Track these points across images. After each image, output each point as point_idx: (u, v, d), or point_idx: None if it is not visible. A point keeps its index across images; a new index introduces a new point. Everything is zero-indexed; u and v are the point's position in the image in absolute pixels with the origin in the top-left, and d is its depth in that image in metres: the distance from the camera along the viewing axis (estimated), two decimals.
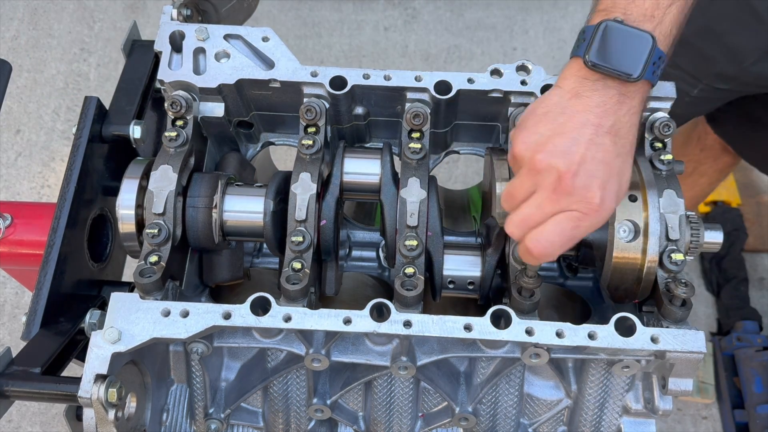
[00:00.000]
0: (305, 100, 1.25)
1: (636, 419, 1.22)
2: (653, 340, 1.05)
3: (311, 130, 1.24)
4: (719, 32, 1.58)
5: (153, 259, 1.12)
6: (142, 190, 1.19)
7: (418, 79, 1.23)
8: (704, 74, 1.39)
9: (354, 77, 1.23)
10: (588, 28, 0.98)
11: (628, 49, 0.94)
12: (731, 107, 1.85)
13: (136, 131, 1.28)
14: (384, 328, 1.05)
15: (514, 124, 1.24)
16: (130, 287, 1.28)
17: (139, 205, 1.19)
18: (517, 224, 0.98)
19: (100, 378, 0.99)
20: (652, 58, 0.94)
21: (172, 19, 1.30)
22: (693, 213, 1.19)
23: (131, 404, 1.09)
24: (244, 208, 1.22)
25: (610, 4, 0.98)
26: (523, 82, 1.23)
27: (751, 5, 1.45)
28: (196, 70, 1.25)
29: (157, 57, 1.32)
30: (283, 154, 2.29)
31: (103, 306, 1.20)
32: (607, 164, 0.94)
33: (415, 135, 1.24)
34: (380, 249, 1.45)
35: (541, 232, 0.96)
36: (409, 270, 1.11)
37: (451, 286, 1.25)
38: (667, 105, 1.25)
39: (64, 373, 1.12)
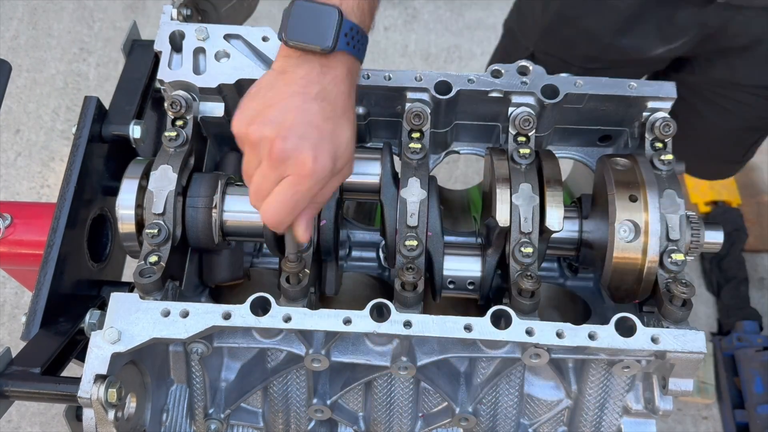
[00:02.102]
0: None
1: (636, 419, 1.22)
2: (654, 340, 1.05)
3: None
4: (573, 17, 1.67)
5: (153, 259, 1.12)
6: (142, 190, 1.19)
7: (418, 79, 1.23)
8: (572, 57, 1.48)
9: None
10: (285, 10, 1.01)
11: (316, 24, 0.98)
12: None
13: (135, 131, 1.28)
14: (384, 328, 1.05)
15: (515, 124, 1.24)
16: (129, 287, 1.28)
17: (139, 205, 1.19)
18: (252, 196, 1.01)
19: (99, 378, 0.99)
20: (342, 29, 0.98)
21: (171, 18, 1.30)
22: (693, 213, 1.19)
23: (131, 404, 1.09)
24: (244, 208, 1.21)
25: None
26: (524, 82, 1.23)
27: None
28: (196, 70, 1.25)
29: (156, 57, 1.32)
30: None
31: (102, 306, 1.20)
32: (316, 127, 0.97)
33: (415, 135, 1.24)
34: (380, 249, 1.45)
35: (268, 202, 0.98)
36: (409, 270, 1.11)
37: (451, 286, 1.25)
38: (668, 105, 1.24)
39: (64, 374, 1.12)
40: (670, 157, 1.20)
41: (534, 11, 1.77)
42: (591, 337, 1.05)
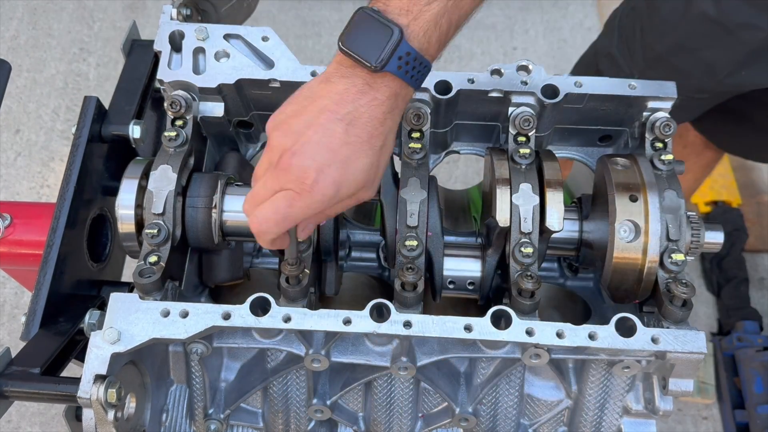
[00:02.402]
0: None
1: (636, 420, 1.22)
2: (654, 340, 1.05)
3: None
4: (692, 48, 1.60)
5: (153, 259, 1.12)
6: (142, 190, 1.19)
7: None
8: (682, 88, 1.43)
9: None
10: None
11: (374, 39, 0.94)
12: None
13: (135, 131, 1.28)
14: (384, 328, 1.05)
15: (515, 124, 1.24)
16: (129, 287, 1.28)
17: (139, 205, 1.19)
18: (247, 199, 1.00)
19: (99, 378, 0.99)
20: (397, 51, 0.94)
21: (171, 18, 1.30)
22: (693, 213, 1.19)
23: (131, 404, 1.09)
24: None
25: None
26: (524, 82, 1.23)
27: (719, 21, 1.48)
28: (196, 70, 1.25)
29: (156, 57, 1.32)
30: None
31: (102, 306, 1.19)
32: (331, 150, 0.95)
33: (415, 135, 1.24)
34: (380, 249, 1.45)
35: (260, 209, 0.97)
36: (409, 270, 1.11)
37: (451, 286, 1.25)
38: (668, 105, 1.24)
39: (64, 374, 1.12)
40: (670, 157, 1.20)
41: (644, 38, 1.69)
42: (591, 337, 1.05)
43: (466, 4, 0.98)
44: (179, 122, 1.23)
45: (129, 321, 1.05)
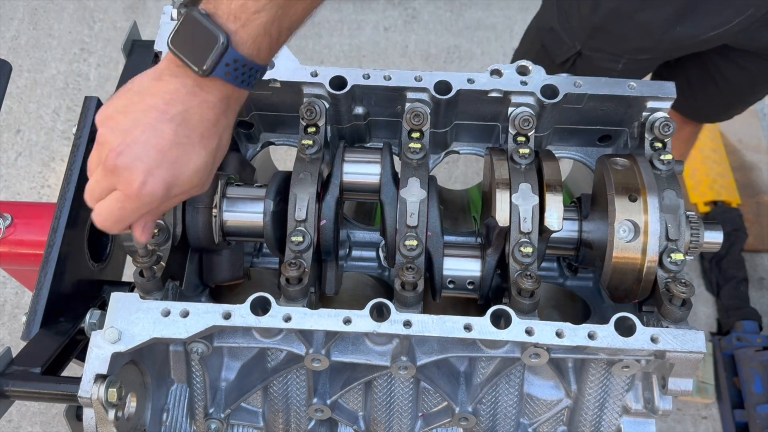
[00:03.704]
0: (305, 100, 1.25)
1: (636, 419, 1.22)
2: (653, 340, 1.05)
3: (311, 130, 1.24)
4: (629, 11, 1.69)
5: (153, 259, 1.12)
6: None
7: (418, 79, 1.23)
8: (623, 50, 1.50)
9: (354, 77, 1.23)
10: (179, 14, 0.97)
11: (200, 43, 0.93)
12: (672, 75, 1.96)
13: None
14: (384, 328, 1.06)
15: (514, 124, 1.24)
16: (130, 287, 1.28)
17: None
18: (86, 193, 1.00)
19: (100, 378, 0.99)
20: (224, 58, 0.92)
21: (172, 19, 1.30)
22: (693, 213, 1.20)
23: (131, 404, 1.09)
24: (244, 208, 1.22)
25: None
26: (523, 82, 1.23)
27: None
28: None
29: (157, 57, 1.32)
30: (283, 154, 2.30)
31: (103, 306, 1.20)
32: (159, 151, 0.94)
33: (415, 135, 1.24)
34: (380, 249, 1.45)
35: (99, 206, 0.98)
36: (409, 270, 1.11)
37: (451, 286, 1.25)
38: (667, 105, 1.25)
39: (64, 373, 1.12)
40: (669, 157, 1.20)
41: (581, 10, 1.79)
42: (590, 336, 1.05)
43: (297, 12, 0.97)
44: None
45: (130, 321, 1.05)
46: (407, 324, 1.06)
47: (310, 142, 1.21)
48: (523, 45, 2.14)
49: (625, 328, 1.06)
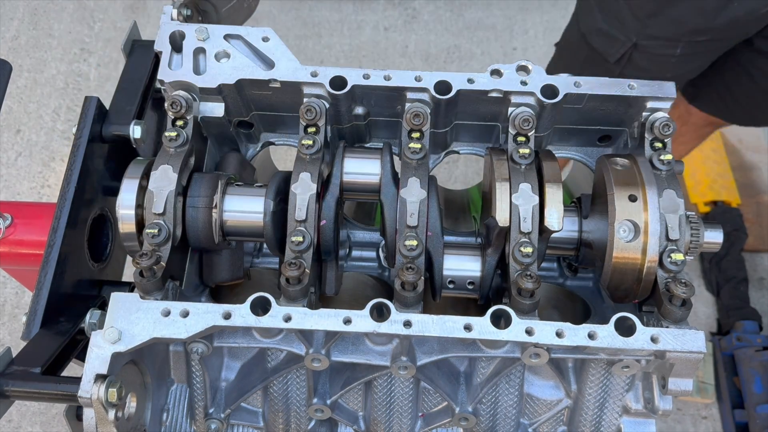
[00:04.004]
0: (305, 100, 1.25)
1: (636, 419, 1.22)
2: (653, 340, 1.05)
3: (311, 130, 1.24)
4: None
5: (153, 259, 1.12)
6: (142, 190, 1.19)
7: (418, 79, 1.23)
8: (680, 34, 1.49)
9: (354, 77, 1.23)
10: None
11: None
12: (708, 81, 1.98)
13: (136, 131, 1.28)
14: (384, 328, 1.06)
15: (514, 124, 1.24)
16: (130, 287, 1.28)
17: (139, 205, 1.19)
18: None
19: (100, 378, 0.99)
20: None
21: (172, 19, 1.30)
22: (693, 213, 1.20)
23: (131, 404, 1.09)
24: (244, 208, 1.22)
25: None
26: (523, 83, 1.23)
27: None
28: (196, 70, 1.25)
29: (157, 57, 1.32)
30: (283, 154, 2.30)
31: (103, 306, 1.20)
32: None
33: (415, 135, 1.24)
34: (380, 249, 1.45)
35: None
36: (409, 270, 1.11)
37: (451, 286, 1.25)
38: (667, 105, 1.25)
39: (64, 373, 1.12)
40: (669, 157, 1.20)
41: (630, 4, 1.80)
42: (590, 336, 1.05)
43: None
44: (180, 122, 1.23)
45: (130, 321, 1.05)
46: (407, 324, 1.06)
47: (310, 142, 1.21)
48: (564, 55, 2.13)
49: (625, 328, 1.06)
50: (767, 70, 1.92)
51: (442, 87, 1.23)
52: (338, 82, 1.23)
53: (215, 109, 1.28)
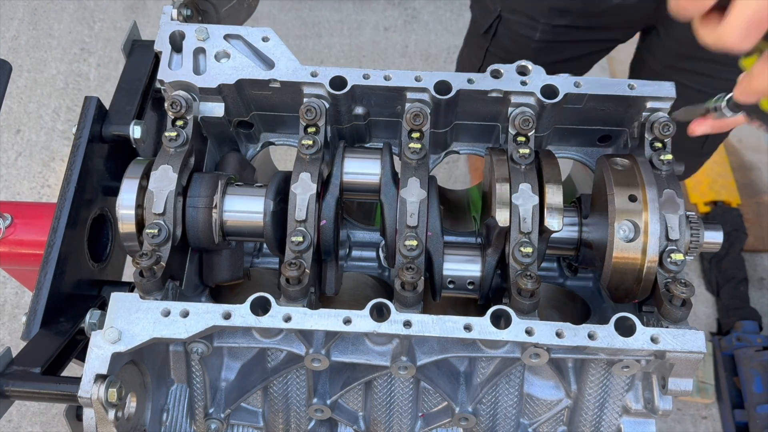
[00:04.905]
0: (305, 100, 1.25)
1: (636, 419, 1.22)
2: (653, 340, 1.05)
3: (311, 130, 1.24)
4: None
5: (153, 259, 1.12)
6: (142, 190, 1.20)
7: (418, 79, 1.23)
8: (538, 12, 1.39)
9: (354, 77, 1.23)
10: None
11: None
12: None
13: (136, 131, 1.28)
14: (384, 328, 1.06)
15: (514, 124, 1.24)
16: (130, 287, 1.28)
17: (139, 205, 1.19)
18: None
19: (100, 378, 1.00)
20: None
21: (172, 19, 1.30)
22: (693, 213, 1.20)
23: (131, 404, 1.09)
24: (244, 208, 1.22)
25: None
26: (523, 83, 1.23)
27: None
28: (196, 70, 1.25)
29: (157, 57, 1.33)
30: (283, 154, 2.30)
31: (103, 306, 1.20)
32: None
33: (415, 135, 1.24)
34: (380, 249, 1.45)
35: None
36: (409, 270, 1.11)
37: (451, 286, 1.25)
38: (667, 105, 1.25)
39: (64, 373, 1.12)
40: (669, 157, 1.20)
41: None
42: (590, 336, 1.05)
43: None
44: (180, 122, 1.23)
45: (130, 321, 1.05)
46: (407, 324, 1.06)
47: (310, 142, 1.22)
48: (470, 29, 2.08)
49: (625, 328, 1.06)
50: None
51: (442, 87, 1.23)
52: (338, 82, 1.23)
53: (215, 109, 1.28)
